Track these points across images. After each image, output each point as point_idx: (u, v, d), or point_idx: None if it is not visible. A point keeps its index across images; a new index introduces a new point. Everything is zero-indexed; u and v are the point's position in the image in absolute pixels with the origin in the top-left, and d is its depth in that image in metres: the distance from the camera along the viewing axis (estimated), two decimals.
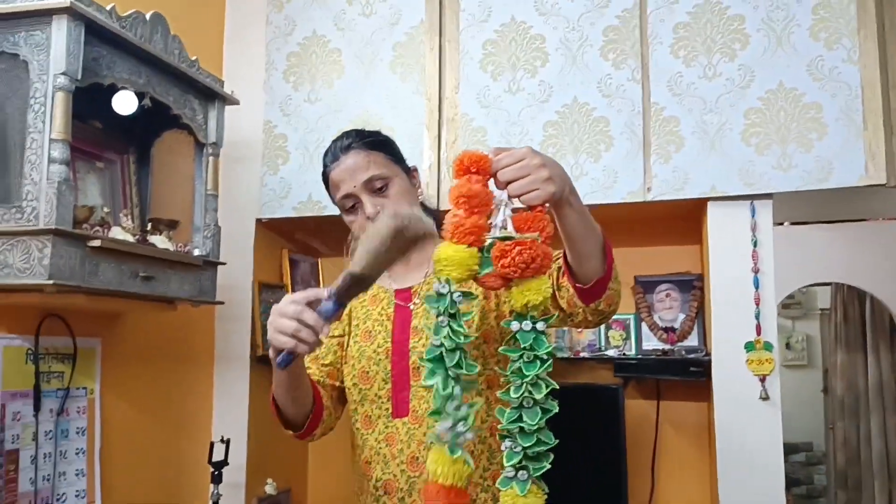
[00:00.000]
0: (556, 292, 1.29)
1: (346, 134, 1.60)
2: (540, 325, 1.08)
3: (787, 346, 6.97)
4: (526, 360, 1.07)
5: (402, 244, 1.18)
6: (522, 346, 1.08)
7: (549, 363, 1.08)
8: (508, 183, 1.11)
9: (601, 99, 2.29)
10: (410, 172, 1.64)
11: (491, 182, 1.14)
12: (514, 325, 1.08)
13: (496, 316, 1.46)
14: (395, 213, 1.18)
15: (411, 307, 1.53)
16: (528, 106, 2.34)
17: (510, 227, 1.10)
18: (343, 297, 1.23)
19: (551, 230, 1.11)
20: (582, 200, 1.21)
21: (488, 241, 1.11)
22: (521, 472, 1.08)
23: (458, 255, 1.09)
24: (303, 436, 1.53)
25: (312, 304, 1.22)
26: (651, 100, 2.25)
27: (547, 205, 1.13)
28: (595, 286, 1.24)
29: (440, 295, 1.11)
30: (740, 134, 2.17)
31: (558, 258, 1.29)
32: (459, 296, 1.11)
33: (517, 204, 1.13)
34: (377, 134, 1.62)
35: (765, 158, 2.14)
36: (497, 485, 1.10)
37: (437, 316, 1.11)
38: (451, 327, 1.09)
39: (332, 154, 1.57)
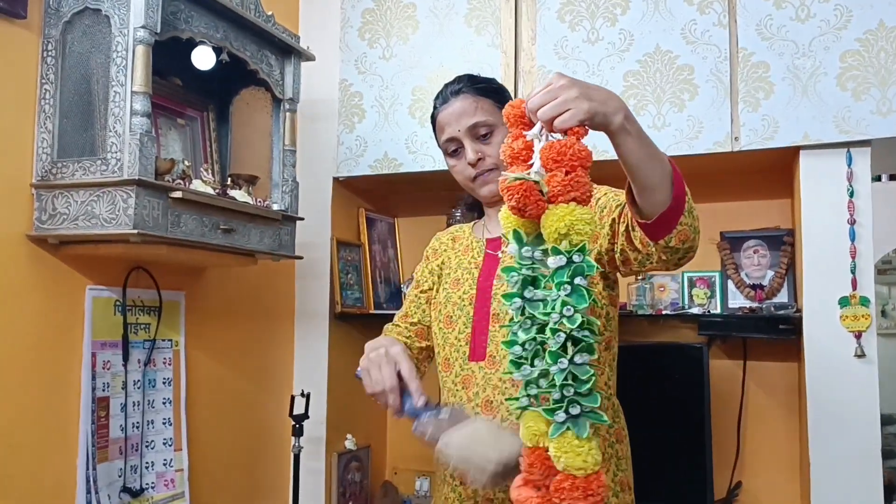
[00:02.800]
0: (631, 232, 1.22)
1: (459, 78, 1.58)
2: (576, 257, 0.95)
3: (883, 313, 6.65)
4: (564, 293, 0.95)
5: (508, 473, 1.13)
6: (558, 280, 0.96)
7: (591, 296, 0.95)
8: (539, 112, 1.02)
9: (685, 46, 2.19)
10: None
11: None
12: (551, 262, 0.96)
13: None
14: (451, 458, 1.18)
15: (500, 255, 1.52)
16: (608, 56, 2.27)
17: (538, 164, 0.99)
18: (426, 427, 1.27)
19: (585, 157, 0.98)
20: (641, 133, 1.11)
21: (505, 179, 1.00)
22: (571, 405, 0.94)
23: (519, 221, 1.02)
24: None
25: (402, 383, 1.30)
26: (739, 45, 2.15)
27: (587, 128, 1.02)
28: (661, 220, 1.15)
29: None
30: (836, 78, 2.05)
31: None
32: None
33: (557, 136, 1.01)
34: (490, 81, 1.59)
35: (862, 103, 2.01)
36: (549, 436, 0.96)
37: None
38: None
39: (443, 97, 1.56)
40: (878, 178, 3.77)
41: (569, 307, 0.94)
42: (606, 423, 1.00)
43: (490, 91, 1.55)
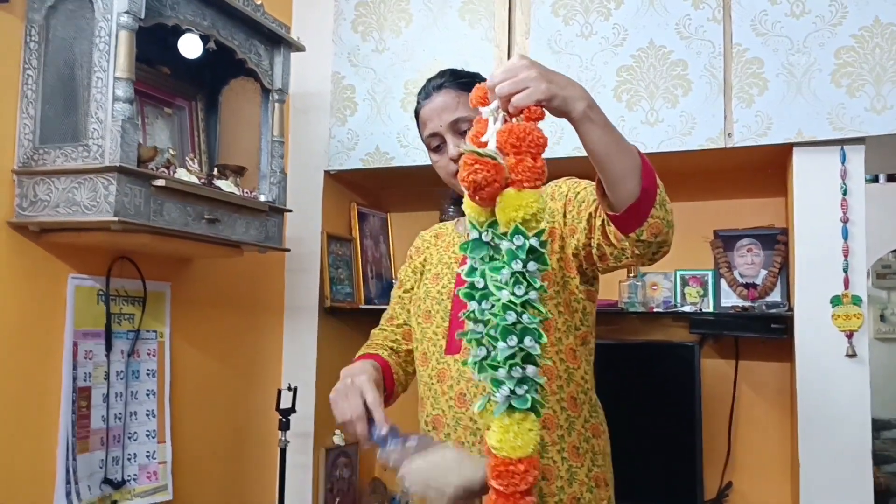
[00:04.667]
0: (606, 227, 1.21)
1: (442, 73, 1.56)
2: (533, 241, 0.95)
3: (882, 318, 6.63)
4: (517, 281, 0.95)
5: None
6: (512, 265, 0.95)
7: (541, 287, 0.95)
8: (497, 88, 1.01)
9: (679, 41, 2.17)
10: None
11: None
12: (505, 244, 0.95)
13: (559, 259, 1.40)
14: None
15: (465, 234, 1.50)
16: (602, 50, 2.25)
17: (493, 143, 0.98)
18: (390, 455, 1.24)
19: (543, 144, 0.97)
20: (606, 123, 1.09)
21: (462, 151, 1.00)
22: (518, 386, 0.95)
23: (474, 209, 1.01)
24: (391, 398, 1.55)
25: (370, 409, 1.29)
26: (733, 40, 2.13)
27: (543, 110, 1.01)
28: (631, 212, 1.14)
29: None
30: (830, 75, 2.03)
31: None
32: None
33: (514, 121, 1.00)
34: (473, 75, 1.55)
35: (857, 100, 1.99)
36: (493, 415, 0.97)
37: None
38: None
39: (425, 91, 1.54)
40: (874, 179, 3.74)
41: (520, 285, 0.94)
42: (544, 408, 1.00)
43: (471, 86, 1.51)
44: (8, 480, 1.63)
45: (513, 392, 0.95)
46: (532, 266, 0.95)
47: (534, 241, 0.95)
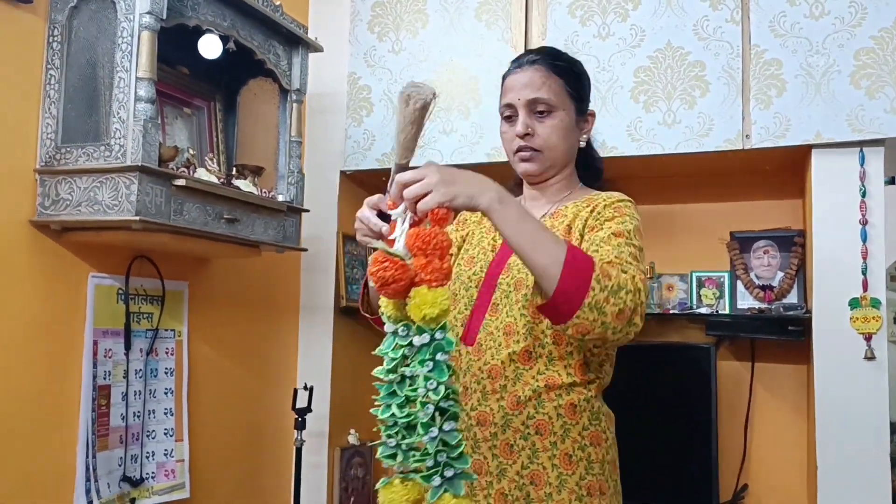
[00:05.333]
0: None
1: (541, 49, 1.54)
2: (438, 335, 1.02)
3: None
4: (427, 368, 1.02)
5: (418, 116, 1.13)
6: (421, 358, 1.02)
7: (451, 370, 1.02)
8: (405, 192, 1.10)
9: (697, 42, 2.17)
10: (585, 115, 1.54)
11: None
12: (417, 340, 1.03)
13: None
14: (400, 93, 1.14)
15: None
16: (619, 51, 2.25)
17: (401, 242, 1.06)
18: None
19: (447, 246, 1.04)
20: (521, 216, 1.18)
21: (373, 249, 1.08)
22: (446, 469, 1.02)
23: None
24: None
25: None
26: (751, 42, 2.12)
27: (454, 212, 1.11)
28: (548, 310, 1.20)
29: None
30: (849, 76, 2.02)
31: None
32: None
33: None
34: (570, 61, 1.52)
35: (876, 102, 1.98)
36: (428, 497, 1.03)
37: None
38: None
39: (518, 61, 1.51)
40: (891, 181, 3.70)
41: (432, 381, 1.01)
42: (475, 480, 1.09)
43: (564, 70, 1.49)
44: (29, 477, 1.65)
45: (444, 478, 1.02)
46: (441, 356, 1.02)
47: (439, 335, 1.02)
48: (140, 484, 1.87)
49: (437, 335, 1.02)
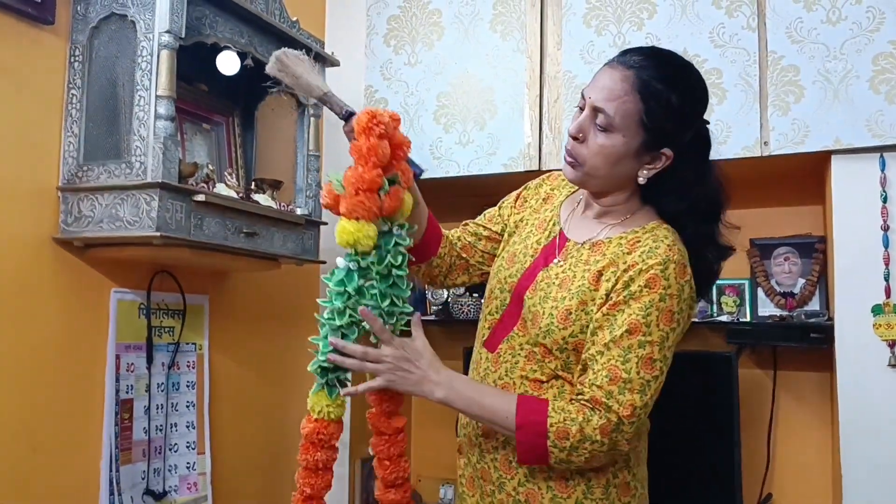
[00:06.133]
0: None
1: (650, 54, 1.33)
2: (396, 230, 1.35)
3: None
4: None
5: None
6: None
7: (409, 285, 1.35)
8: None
9: (713, 50, 2.16)
10: (653, 150, 1.33)
11: None
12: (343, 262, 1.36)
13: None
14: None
15: (555, 261, 1.41)
16: None
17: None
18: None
19: (363, 184, 1.36)
20: (470, 398, 1.34)
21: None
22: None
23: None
24: (421, 258, 1.53)
25: None
26: (768, 48, 2.11)
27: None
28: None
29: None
30: (868, 81, 2.00)
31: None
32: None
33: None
34: (670, 86, 1.29)
35: None
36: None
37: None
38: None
39: (621, 58, 1.33)
40: None
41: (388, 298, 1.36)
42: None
43: (653, 97, 1.28)
44: (53, 492, 1.66)
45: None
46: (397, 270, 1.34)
47: (396, 230, 1.35)
48: (163, 497, 1.89)
49: (395, 230, 1.34)
